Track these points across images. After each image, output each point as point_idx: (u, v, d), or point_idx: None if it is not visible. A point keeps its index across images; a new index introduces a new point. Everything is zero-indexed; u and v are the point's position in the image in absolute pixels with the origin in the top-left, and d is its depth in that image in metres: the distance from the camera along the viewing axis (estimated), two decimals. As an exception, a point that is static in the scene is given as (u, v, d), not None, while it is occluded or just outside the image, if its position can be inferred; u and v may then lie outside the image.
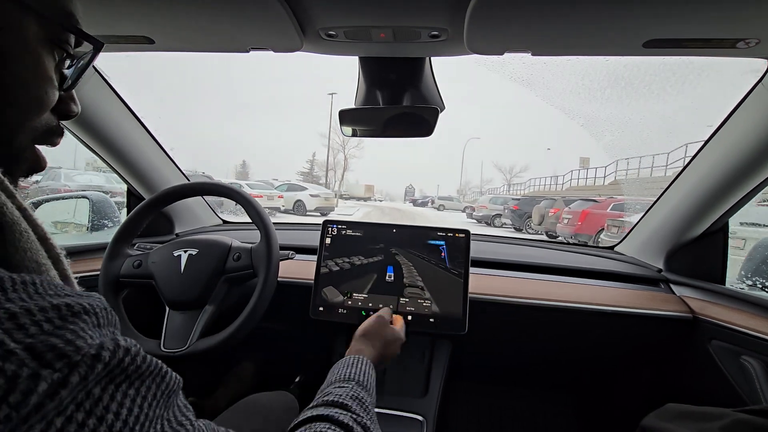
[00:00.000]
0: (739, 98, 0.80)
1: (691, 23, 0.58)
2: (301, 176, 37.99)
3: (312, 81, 56.52)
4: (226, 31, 0.69)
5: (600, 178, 14.63)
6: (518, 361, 1.27)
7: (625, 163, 12.56)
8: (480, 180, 41.68)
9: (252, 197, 0.88)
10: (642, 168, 11.34)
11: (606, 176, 14.00)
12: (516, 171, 38.80)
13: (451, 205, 23.05)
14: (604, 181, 14.27)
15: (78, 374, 0.19)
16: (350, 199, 31.42)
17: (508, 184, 35.38)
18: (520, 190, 27.31)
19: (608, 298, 1.00)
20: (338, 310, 0.94)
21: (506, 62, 0.80)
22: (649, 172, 10.73)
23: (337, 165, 33.49)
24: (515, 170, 38.86)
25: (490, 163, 42.21)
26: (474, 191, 40.32)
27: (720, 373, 0.87)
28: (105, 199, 1.44)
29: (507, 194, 24.19)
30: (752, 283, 1.02)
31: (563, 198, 9.78)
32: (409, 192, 41.04)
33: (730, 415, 0.49)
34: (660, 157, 10.56)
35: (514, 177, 37.92)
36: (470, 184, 43.02)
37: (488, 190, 31.19)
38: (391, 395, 0.97)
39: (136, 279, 0.87)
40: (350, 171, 35.58)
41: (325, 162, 29.02)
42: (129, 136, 1.07)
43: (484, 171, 49.58)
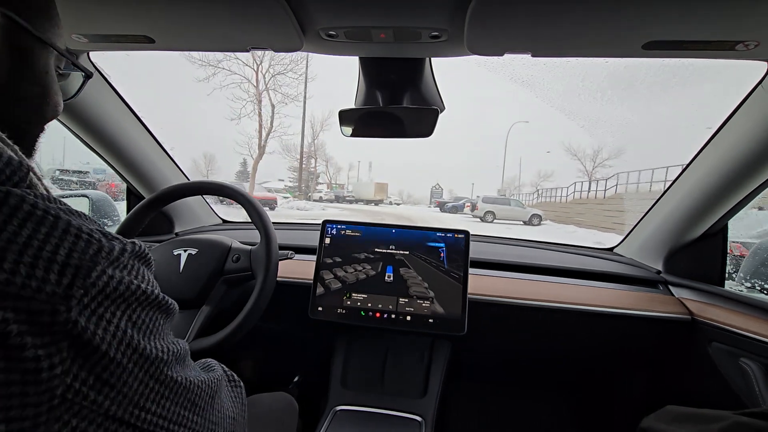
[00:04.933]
0: (739, 100, 0.80)
1: (690, 25, 0.58)
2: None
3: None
4: (226, 30, 0.69)
5: (601, 191, 13.49)
6: (517, 361, 1.27)
7: (625, 176, 12.03)
8: (536, 174, 30.14)
9: (253, 198, 0.88)
10: (641, 182, 11.00)
11: (606, 189, 13.10)
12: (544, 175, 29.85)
13: (507, 213, 13.82)
14: (605, 194, 13.18)
15: (129, 248, 0.31)
16: (358, 201, 25.61)
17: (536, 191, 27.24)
18: (537, 199, 20.59)
19: (607, 299, 1.00)
20: (337, 310, 0.94)
21: (506, 63, 0.80)
22: (648, 187, 10.51)
23: (318, 149, 25.77)
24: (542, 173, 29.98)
25: (558, 147, 30.26)
26: (523, 190, 30.54)
27: (719, 376, 0.87)
28: (105, 198, 1.43)
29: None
30: (751, 285, 1.01)
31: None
32: (435, 193, 33.03)
33: (729, 417, 0.49)
34: (659, 171, 10.32)
35: (542, 180, 29.22)
36: (516, 181, 31.30)
37: (544, 190, 19.92)
38: (390, 395, 0.97)
39: None
40: (323, 162, 27.94)
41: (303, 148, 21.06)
42: (129, 134, 1.07)
43: (537, 161, 37.68)
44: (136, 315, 0.31)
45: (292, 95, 15.18)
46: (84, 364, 0.26)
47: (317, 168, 31.06)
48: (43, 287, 0.24)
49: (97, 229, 0.30)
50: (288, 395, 0.84)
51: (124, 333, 0.29)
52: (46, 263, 0.25)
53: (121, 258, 0.30)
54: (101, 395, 0.27)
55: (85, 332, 0.26)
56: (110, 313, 0.28)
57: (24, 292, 0.24)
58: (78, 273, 0.26)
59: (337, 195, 25.47)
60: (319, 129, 25.02)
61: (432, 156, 58.46)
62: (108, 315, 0.28)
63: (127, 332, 0.29)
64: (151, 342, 0.32)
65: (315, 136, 25.10)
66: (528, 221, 13.83)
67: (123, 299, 0.29)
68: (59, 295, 0.25)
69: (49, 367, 0.24)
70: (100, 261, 0.28)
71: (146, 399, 0.31)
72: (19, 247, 0.24)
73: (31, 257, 0.25)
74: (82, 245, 0.27)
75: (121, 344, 0.28)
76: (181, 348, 0.37)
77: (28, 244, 0.25)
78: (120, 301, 0.29)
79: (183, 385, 0.34)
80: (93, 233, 0.29)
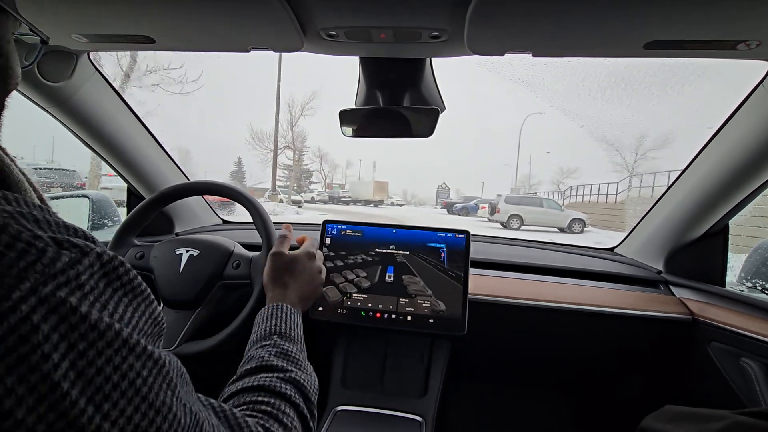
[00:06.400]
0: (740, 100, 0.80)
1: (692, 25, 0.58)
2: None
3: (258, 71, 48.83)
4: (226, 30, 0.69)
5: (612, 195, 11.99)
6: (518, 361, 1.27)
7: (638, 180, 10.81)
8: (558, 170, 27.43)
9: (256, 200, 0.88)
10: (656, 186, 9.72)
11: (618, 193, 11.73)
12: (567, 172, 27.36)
13: (539, 216, 10.67)
14: (616, 198, 11.65)
15: (87, 260, 0.24)
16: (356, 203, 23.07)
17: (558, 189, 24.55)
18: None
19: (608, 299, 1.00)
20: (338, 311, 0.94)
21: (506, 63, 0.80)
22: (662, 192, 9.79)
23: (301, 138, 21.90)
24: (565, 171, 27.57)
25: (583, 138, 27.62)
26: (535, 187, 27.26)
27: (719, 375, 0.87)
28: (105, 198, 1.44)
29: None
30: (752, 285, 1.01)
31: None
32: (441, 193, 29.95)
33: (729, 417, 0.49)
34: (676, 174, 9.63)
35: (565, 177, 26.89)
36: (533, 179, 28.85)
37: (574, 188, 16.14)
38: (391, 395, 0.97)
39: (136, 270, 0.86)
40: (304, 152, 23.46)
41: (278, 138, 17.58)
42: (129, 134, 1.08)
43: (557, 156, 34.36)
44: (84, 362, 0.22)
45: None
46: None
47: (305, 163, 27.39)
48: None
49: (50, 237, 0.23)
50: None
51: (52, 389, 0.20)
52: None
53: (68, 272, 0.23)
54: None
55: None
56: (39, 353, 0.20)
57: None
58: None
59: (331, 195, 23.46)
60: (298, 114, 20.95)
61: (438, 154, 57.22)
62: (34, 357, 0.20)
63: (60, 388, 0.20)
64: (110, 409, 0.22)
65: (293, 123, 20.88)
66: (567, 227, 10.56)
67: (59, 334, 0.21)
68: None
69: None
70: (30, 276, 0.21)
71: None
72: None
73: None
74: (12, 256, 0.21)
75: (41, 404, 0.20)
76: (185, 423, 0.27)
77: None
78: (54, 336, 0.21)
79: None
80: (36, 241, 0.22)
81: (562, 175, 27.66)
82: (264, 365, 0.47)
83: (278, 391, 0.44)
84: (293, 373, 0.47)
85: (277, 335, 0.53)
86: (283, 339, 0.52)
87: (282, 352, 0.50)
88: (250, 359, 0.49)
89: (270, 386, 0.44)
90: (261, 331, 0.54)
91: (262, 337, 0.53)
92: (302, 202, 17.26)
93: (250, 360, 0.49)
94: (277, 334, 0.53)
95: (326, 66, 17.69)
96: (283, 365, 0.48)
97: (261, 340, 0.52)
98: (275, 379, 0.45)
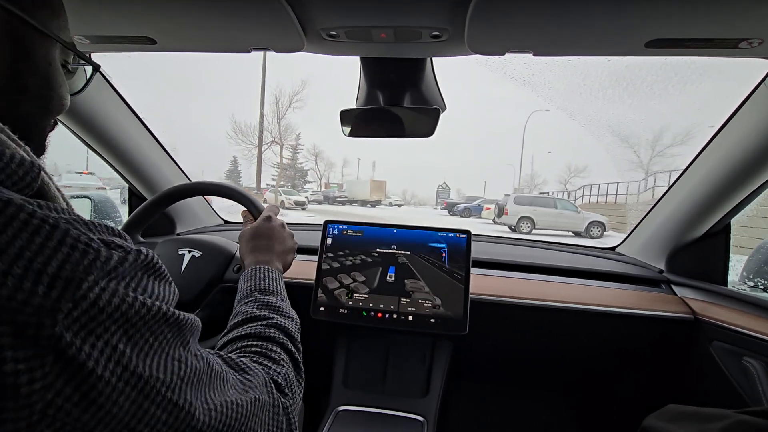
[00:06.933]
0: (742, 98, 0.80)
1: (693, 23, 0.58)
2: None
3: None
4: (227, 31, 0.69)
5: (632, 195, 10.83)
6: (519, 361, 1.27)
7: (660, 177, 10.06)
8: (566, 169, 26.26)
9: (257, 200, 0.87)
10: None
11: (642, 191, 10.73)
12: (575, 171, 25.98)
13: (553, 219, 9.58)
14: (638, 197, 10.54)
15: (131, 257, 0.30)
16: (352, 203, 22.07)
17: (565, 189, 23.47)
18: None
19: (609, 298, 0.99)
20: (339, 311, 0.94)
21: (507, 62, 0.79)
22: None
23: (286, 132, 19.44)
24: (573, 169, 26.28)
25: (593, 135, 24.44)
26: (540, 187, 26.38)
27: (721, 375, 0.87)
28: (107, 199, 1.44)
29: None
30: (754, 285, 1.01)
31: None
32: (442, 193, 29.44)
33: (732, 416, 0.49)
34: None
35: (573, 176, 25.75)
36: (537, 178, 27.90)
37: (588, 187, 15.04)
38: (392, 395, 0.97)
39: None
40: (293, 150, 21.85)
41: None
42: (130, 135, 1.08)
43: (564, 154, 32.17)
44: (133, 330, 0.29)
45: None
46: (69, 380, 0.25)
47: (299, 162, 26.08)
48: (30, 300, 0.24)
49: (99, 239, 0.29)
50: None
51: (114, 350, 0.27)
52: (36, 275, 0.24)
53: (119, 268, 0.29)
54: (87, 413, 0.26)
55: (70, 348, 0.25)
56: (103, 327, 0.27)
57: (10, 305, 0.23)
58: (68, 286, 0.25)
59: (326, 195, 22.55)
60: (287, 106, 19.01)
61: (438, 154, 56.64)
62: (99, 330, 0.27)
63: (118, 349, 0.28)
64: (151, 361, 0.30)
65: (280, 115, 19.11)
66: (585, 231, 9.53)
67: (120, 313, 0.28)
68: (46, 308, 0.24)
69: (28, 381, 0.23)
70: (93, 272, 0.27)
71: (139, 421, 0.29)
72: (10, 258, 0.24)
73: (21, 269, 0.24)
74: (77, 256, 0.26)
75: (110, 362, 0.27)
76: (200, 367, 0.34)
77: (20, 256, 0.24)
78: (116, 315, 0.28)
79: (188, 412, 0.32)
80: (92, 243, 0.28)
81: (569, 174, 26.60)
82: (249, 317, 0.52)
83: (264, 335, 0.50)
84: (276, 319, 0.53)
85: (258, 291, 0.57)
86: (263, 294, 0.57)
87: (264, 304, 0.55)
88: (236, 315, 0.54)
89: (257, 333, 0.50)
90: (243, 291, 0.59)
91: (244, 296, 0.57)
92: (306, 203, 16.11)
93: (236, 315, 0.54)
94: (257, 291, 0.58)
95: (317, 55, 17.56)
96: (266, 314, 0.53)
97: (244, 298, 0.57)
98: (260, 326, 0.51)
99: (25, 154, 0.31)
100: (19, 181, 0.29)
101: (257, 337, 0.49)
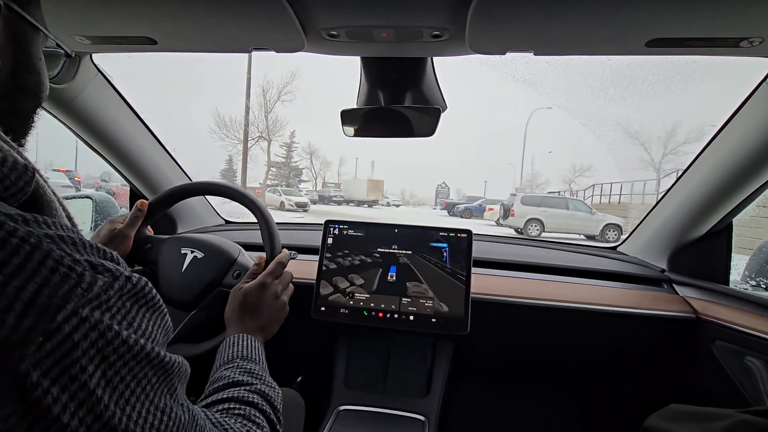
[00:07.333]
0: (743, 97, 0.80)
1: (694, 22, 0.58)
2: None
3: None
4: (228, 31, 0.69)
5: (650, 194, 10.07)
6: (521, 361, 1.27)
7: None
8: (571, 168, 24.87)
9: (265, 207, 0.86)
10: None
11: (648, 194, 10.20)
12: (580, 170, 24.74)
13: (565, 221, 9.04)
14: (643, 199, 9.98)
15: (118, 284, 0.27)
16: (348, 203, 21.26)
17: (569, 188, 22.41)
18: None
19: (611, 298, 0.99)
20: (340, 311, 0.94)
21: (507, 62, 0.79)
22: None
23: (275, 127, 17.97)
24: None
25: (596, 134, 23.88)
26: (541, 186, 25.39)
27: (723, 374, 0.87)
28: (108, 199, 1.44)
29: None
30: (756, 284, 1.01)
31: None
32: (441, 193, 28.78)
33: (734, 415, 0.49)
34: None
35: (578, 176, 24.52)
36: (539, 178, 26.76)
37: (598, 187, 14.05)
38: (393, 395, 0.97)
39: (141, 260, 0.87)
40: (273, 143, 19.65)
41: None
42: (131, 136, 1.08)
43: (566, 154, 31.31)
44: (112, 372, 0.25)
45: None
46: (31, 427, 0.22)
47: (294, 160, 24.82)
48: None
49: (86, 260, 0.26)
50: (293, 391, 0.84)
51: (89, 395, 0.24)
52: (8, 302, 0.22)
53: (102, 296, 0.26)
54: None
55: (35, 389, 0.22)
56: (78, 367, 0.24)
57: None
58: (43, 315, 0.23)
59: (321, 195, 21.88)
60: (275, 98, 17.45)
61: (438, 154, 56.16)
62: (74, 370, 0.23)
63: (95, 394, 0.24)
64: (131, 410, 0.26)
65: (268, 109, 17.64)
66: (600, 235, 8.83)
67: (95, 350, 0.24)
68: (14, 341, 0.22)
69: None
70: (72, 299, 0.24)
71: None
72: None
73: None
74: (56, 280, 0.24)
75: (81, 409, 0.24)
76: (185, 420, 0.31)
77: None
78: (92, 352, 0.24)
79: None
80: (76, 265, 0.25)
81: (574, 173, 25.40)
82: (231, 382, 0.51)
83: (247, 400, 0.48)
84: (258, 385, 0.51)
85: (240, 358, 0.56)
86: (245, 361, 0.56)
87: (246, 370, 0.53)
88: (216, 380, 0.52)
89: (239, 397, 0.48)
90: (224, 357, 0.57)
91: (225, 362, 0.56)
92: (308, 204, 15.10)
93: (216, 381, 0.52)
94: (239, 358, 0.56)
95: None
96: (249, 380, 0.52)
97: (225, 364, 0.55)
98: (243, 391, 0.49)
99: (18, 156, 0.29)
100: (11, 186, 0.27)
101: (240, 401, 0.48)
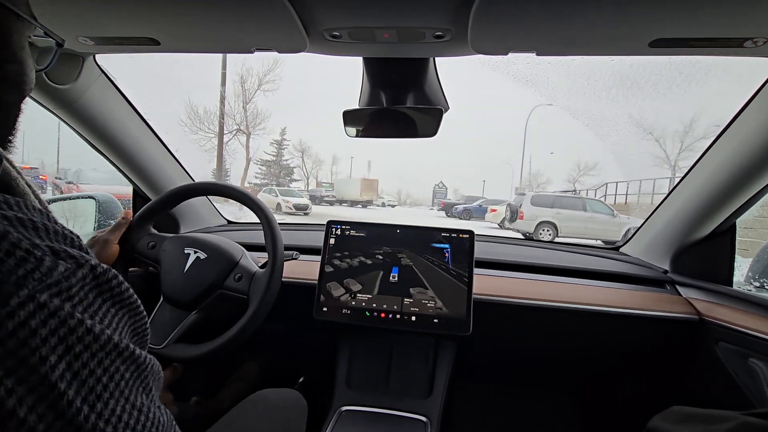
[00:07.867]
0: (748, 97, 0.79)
1: (697, 23, 0.57)
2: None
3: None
4: (231, 32, 0.69)
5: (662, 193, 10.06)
6: (523, 362, 1.27)
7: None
8: (575, 166, 23.55)
9: (266, 206, 0.86)
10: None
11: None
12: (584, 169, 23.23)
13: (582, 224, 7.81)
14: (653, 199, 9.32)
15: (82, 272, 0.25)
16: (341, 203, 20.30)
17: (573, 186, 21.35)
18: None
19: (613, 299, 0.99)
20: (342, 311, 0.94)
21: (509, 62, 0.79)
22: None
23: (258, 120, 16.23)
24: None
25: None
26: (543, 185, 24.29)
27: (727, 376, 0.86)
28: (111, 199, 1.45)
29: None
30: (760, 285, 1.00)
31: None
32: (439, 193, 27.44)
33: (737, 417, 0.48)
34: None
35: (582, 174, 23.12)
36: (540, 177, 25.76)
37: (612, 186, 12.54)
38: (395, 396, 0.97)
39: (145, 258, 0.88)
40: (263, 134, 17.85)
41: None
42: (134, 136, 1.08)
43: (570, 152, 30.13)
44: (79, 365, 0.23)
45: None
46: None
47: (285, 158, 23.95)
48: None
49: (47, 246, 0.24)
50: (296, 392, 0.84)
51: (50, 388, 0.21)
52: None
53: (63, 283, 0.24)
54: None
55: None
56: (37, 356, 0.21)
57: None
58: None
59: (312, 195, 20.83)
60: (255, 87, 15.51)
61: (436, 153, 55.65)
62: (32, 359, 0.21)
63: (57, 388, 0.22)
64: (103, 407, 0.23)
65: (247, 99, 15.92)
66: (622, 240, 4.69)
67: (57, 338, 0.22)
68: None
69: None
70: (27, 284, 0.22)
71: None
72: None
73: None
74: (10, 264, 0.22)
75: (40, 403, 0.21)
76: (164, 421, 0.28)
77: None
78: (53, 341, 0.22)
79: None
80: (34, 250, 0.23)
81: (578, 171, 23.74)
82: None
83: None
84: None
85: None
86: None
87: None
88: None
89: None
90: None
91: None
92: (309, 206, 13.85)
93: None
94: None
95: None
96: None
97: None
98: None
99: None
100: None
101: None
